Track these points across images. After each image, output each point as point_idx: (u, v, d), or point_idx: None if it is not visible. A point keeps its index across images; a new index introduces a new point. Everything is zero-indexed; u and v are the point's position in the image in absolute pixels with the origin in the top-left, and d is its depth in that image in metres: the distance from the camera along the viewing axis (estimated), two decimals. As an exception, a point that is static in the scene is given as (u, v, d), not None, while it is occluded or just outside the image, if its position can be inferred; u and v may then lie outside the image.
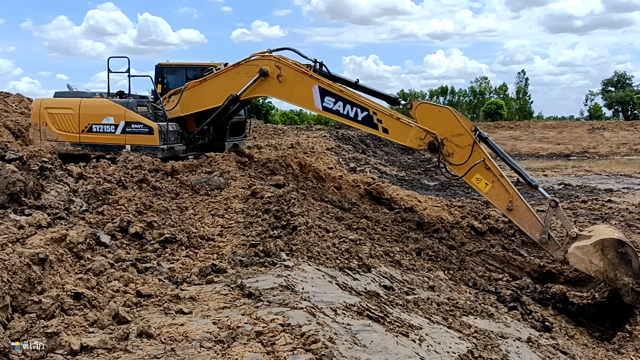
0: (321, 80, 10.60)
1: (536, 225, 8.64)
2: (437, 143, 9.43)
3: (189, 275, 5.52)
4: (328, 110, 10.50)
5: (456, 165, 9.41)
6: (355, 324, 4.56)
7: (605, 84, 77.37)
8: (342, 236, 7.62)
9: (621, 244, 7.79)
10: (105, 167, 9.24)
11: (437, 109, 9.77)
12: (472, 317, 6.22)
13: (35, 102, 12.33)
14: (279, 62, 10.98)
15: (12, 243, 4.73)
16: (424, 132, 9.59)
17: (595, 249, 7.86)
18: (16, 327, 3.70)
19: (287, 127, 41.13)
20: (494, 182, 9.07)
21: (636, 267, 7.70)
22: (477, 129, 9.43)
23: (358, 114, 10.21)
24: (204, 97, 11.76)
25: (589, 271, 7.94)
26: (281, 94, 11.21)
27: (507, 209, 8.89)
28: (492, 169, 9.11)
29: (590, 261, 7.88)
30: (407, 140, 9.86)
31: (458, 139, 9.36)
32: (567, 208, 14.79)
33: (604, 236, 7.98)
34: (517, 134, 44.55)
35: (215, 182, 9.35)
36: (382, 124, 10.04)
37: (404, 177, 23.41)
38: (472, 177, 9.24)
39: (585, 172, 25.54)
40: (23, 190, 6.12)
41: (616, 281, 7.75)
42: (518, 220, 8.86)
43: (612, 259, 7.77)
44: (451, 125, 9.42)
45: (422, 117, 9.68)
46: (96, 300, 4.40)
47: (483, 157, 9.17)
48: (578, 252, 7.99)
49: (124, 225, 6.35)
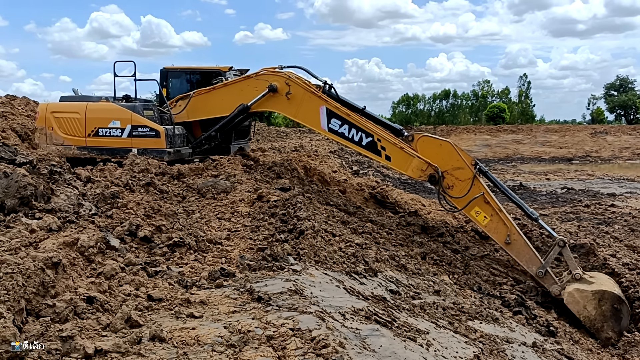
0: (329, 102, 10.69)
1: (533, 260, 8.72)
2: (438, 176, 9.53)
3: (199, 279, 5.58)
4: (333, 132, 10.59)
5: (456, 198, 9.49)
6: (364, 328, 4.61)
7: (608, 87, 77.32)
8: (348, 240, 7.67)
9: (620, 302, 7.97)
10: (112, 170, 9.30)
11: (438, 142, 9.85)
12: (478, 322, 6.27)
13: (41, 107, 12.43)
14: (289, 80, 11.09)
15: (26, 247, 4.79)
16: (425, 164, 9.68)
17: (594, 297, 7.99)
18: (31, 330, 3.75)
19: (290, 130, 41.23)
20: (493, 215, 9.15)
21: (624, 326, 7.94)
22: (478, 163, 9.54)
23: (363, 139, 10.31)
24: (211, 105, 11.90)
25: (579, 314, 8.05)
26: (288, 111, 11.34)
27: (505, 242, 8.96)
28: (491, 203, 9.17)
29: (584, 306, 8.01)
30: (408, 170, 9.94)
31: (458, 173, 9.45)
32: (570, 212, 14.83)
33: (606, 288, 8.12)
34: (520, 137, 44.58)
35: (221, 185, 9.42)
36: (386, 151, 10.14)
37: (407, 181, 23.45)
38: (471, 210, 9.32)
39: (587, 176, 25.59)
40: (34, 194, 6.19)
41: (601, 332, 7.90)
42: (515, 253, 8.93)
43: (605, 311, 7.93)
44: (452, 158, 9.51)
45: (423, 149, 9.78)
46: (108, 304, 4.45)
47: (482, 191, 9.23)
48: (576, 294, 8.11)
49: (133, 229, 6.41)
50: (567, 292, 8.24)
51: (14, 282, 3.93)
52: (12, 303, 3.78)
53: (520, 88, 75.99)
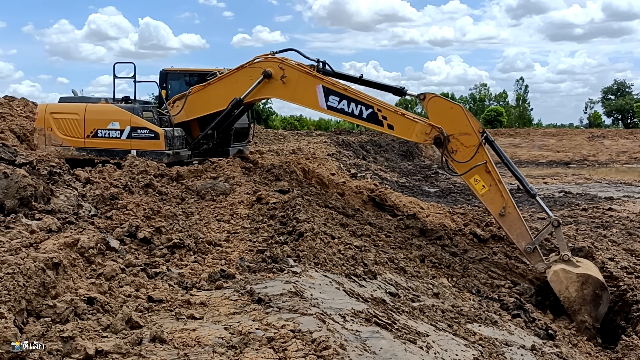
0: (325, 80, 10.67)
1: (524, 235, 8.84)
2: (443, 137, 9.47)
3: (199, 280, 5.58)
4: (333, 109, 10.54)
5: (458, 163, 9.48)
6: (364, 330, 4.62)
7: (605, 92, 77.67)
8: (348, 242, 7.68)
9: (602, 288, 8.11)
10: (111, 172, 9.30)
11: (449, 104, 9.72)
12: (477, 325, 6.28)
13: (40, 107, 12.40)
14: (282, 64, 11.05)
15: (26, 247, 4.79)
16: (429, 127, 9.65)
17: (578, 279, 8.14)
18: (32, 331, 3.75)
19: (288, 133, 41.21)
20: (492, 186, 9.20)
21: (601, 313, 8.09)
22: (485, 131, 9.51)
23: (363, 111, 10.25)
24: (208, 101, 11.81)
25: (559, 293, 8.19)
26: (285, 95, 11.26)
27: (499, 214, 9.06)
28: (492, 173, 9.22)
29: (567, 287, 8.15)
30: (412, 135, 9.92)
31: (464, 138, 9.42)
32: (568, 216, 14.85)
33: (591, 273, 8.25)
34: (517, 141, 44.69)
35: (220, 187, 9.42)
36: (387, 120, 10.09)
37: (405, 184, 23.48)
38: (471, 177, 9.35)
39: (585, 180, 25.63)
40: (33, 195, 6.18)
41: (577, 314, 8.05)
42: (508, 226, 9.04)
43: (586, 295, 8.07)
44: (460, 123, 9.46)
45: (432, 110, 9.70)
46: (109, 304, 4.45)
47: (485, 160, 9.27)
48: (561, 273, 8.24)
49: (132, 230, 6.41)
50: (552, 271, 8.37)
51: (15, 282, 3.93)
52: (13, 303, 3.78)
53: (517, 92, 76.20)
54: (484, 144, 9.38)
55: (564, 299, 8.18)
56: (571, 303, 8.12)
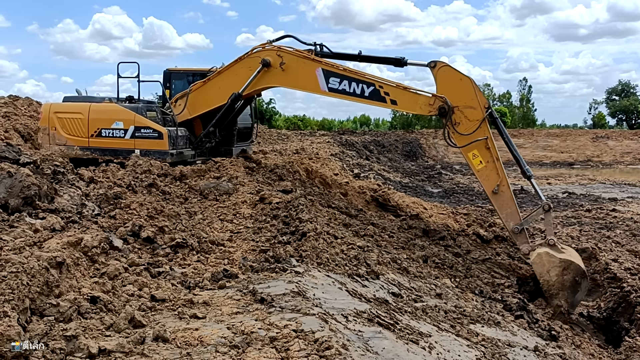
0: (323, 62, 10.69)
1: (514, 215, 8.97)
2: (447, 107, 9.45)
3: (201, 280, 5.59)
4: (334, 90, 10.53)
5: (459, 135, 9.47)
6: (366, 330, 4.62)
7: (610, 92, 77.31)
8: (350, 243, 7.68)
9: (583, 276, 8.23)
10: (114, 171, 9.32)
11: (459, 75, 9.62)
12: (480, 325, 6.27)
13: (45, 107, 12.42)
14: (280, 51, 11.06)
15: (30, 246, 4.81)
16: (432, 98, 9.64)
17: (560, 265, 8.23)
18: (36, 329, 3.77)
19: (291, 133, 41.23)
20: (489, 162, 9.24)
21: (577, 300, 8.29)
22: (490, 108, 9.48)
23: (364, 90, 10.25)
24: (209, 96, 11.80)
25: (540, 276, 8.34)
26: (285, 82, 11.27)
27: (493, 192, 9.13)
28: (492, 150, 9.25)
29: (548, 270, 8.27)
30: (416, 108, 9.92)
31: (469, 111, 9.40)
32: (572, 217, 14.81)
33: (574, 260, 8.35)
34: (521, 141, 44.51)
35: (223, 187, 9.43)
36: (390, 96, 10.08)
37: (408, 184, 23.46)
38: (469, 151, 9.37)
39: (589, 180, 25.59)
40: (37, 194, 6.21)
41: (554, 298, 8.19)
42: (499, 205, 9.12)
43: (566, 281, 8.18)
44: (467, 95, 9.43)
45: (441, 80, 9.64)
46: (112, 304, 4.47)
47: (487, 136, 9.29)
48: (545, 257, 8.37)
49: (136, 229, 6.43)
50: (536, 253, 8.49)
51: (19, 281, 3.95)
52: (17, 302, 3.80)
53: (521, 92, 76.00)
54: (487, 120, 9.38)
55: (543, 282, 8.31)
56: (550, 287, 8.25)
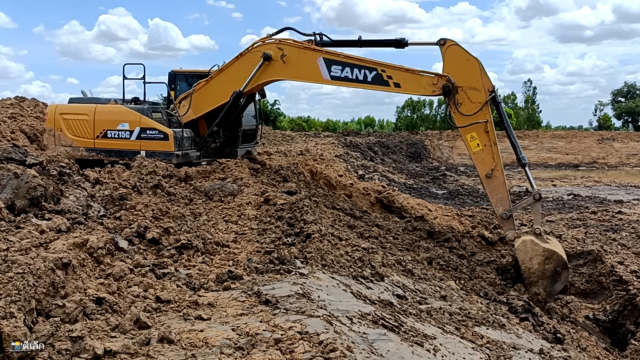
0: (324, 51, 10.73)
1: (504, 201, 9.10)
2: (452, 85, 9.44)
3: (206, 281, 5.60)
4: (337, 78, 10.55)
5: (460, 115, 9.47)
6: (371, 332, 4.61)
7: (615, 94, 76.95)
8: (355, 244, 7.68)
9: (564, 267, 8.42)
10: (120, 172, 9.34)
11: (467, 56, 9.56)
12: (484, 328, 6.25)
13: (50, 108, 12.48)
14: (280, 44, 11.11)
15: (36, 247, 4.83)
16: (435, 77, 9.64)
17: (543, 254, 8.42)
18: (42, 330, 3.78)
19: (295, 134, 41.27)
20: (486, 146, 9.30)
21: (556, 290, 8.48)
22: (494, 92, 9.47)
23: (367, 75, 10.28)
24: (213, 95, 11.84)
25: (521, 263, 8.50)
26: (287, 73, 11.29)
27: (486, 175, 9.21)
28: (490, 134, 9.30)
29: (530, 258, 8.43)
30: (420, 89, 9.93)
31: (472, 93, 9.40)
32: (577, 219, 14.77)
33: (557, 250, 8.53)
34: (526, 143, 44.38)
35: (228, 188, 9.45)
36: (393, 79, 10.10)
37: (412, 185, 23.43)
38: (468, 132, 9.41)
39: (594, 182, 25.50)
40: (43, 195, 6.23)
41: (533, 286, 8.40)
42: (490, 189, 9.24)
43: (547, 270, 8.38)
44: (473, 77, 9.43)
45: (449, 58, 9.61)
46: (117, 305, 4.48)
47: (487, 119, 9.31)
48: (529, 244, 8.51)
49: (141, 230, 6.44)
50: (521, 240, 8.65)
51: (25, 282, 3.96)
52: (23, 303, 3.81)
53: (526, 94, 75.73)
54: (490, 103, 9.37)
55: (524, 269, 8.45)
56: (530, 274, 8.40)
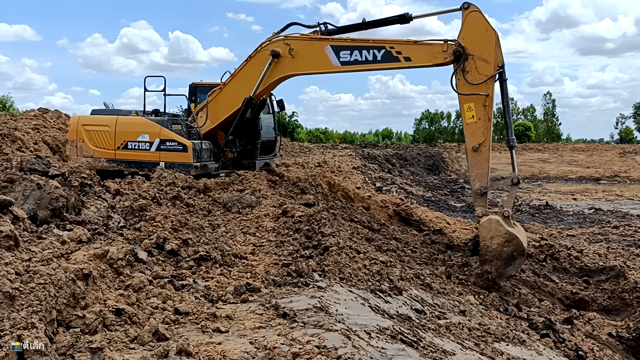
0: (330, 39, 10.81)
1: (483, 177, 9.12)
2: (462, 51, 9.34)
3: (224, 293, 5.61)
4: (347, 63, 10.56)
5: (464, 82, 9.38)
6: (389, 347, 4.57)
7: (637, 107, 75.86)
8: (373, 257, 7.64)
9: (521, 254, 8.67)
10: (139, 183, 9.44)
11: (486, 26, 9.41)
12: (504, 344, 6.16)
13: (73, 119, 12.68)
14: (287, 39, 11.20)
15: (57, 258, 4.88)
16: (445, 44, 9.57)
17: (504, 236, 8.54)
18: (62, 341, 3.81)
19: (313, 145, 41.33)
20: (480, 119, 9.24)
21: (507, 273, 8.75)
22: (503, 69, 9.38)
23: (376, 54, 10.28)
24: (228, 101, 11.89)
25: (482, 239, 8.70)
26: (298, 67, 11.32)
27: (473, 148, 9.21)
28: (487, 109, 9.23)
29: (491, 237, 8.58)
30: (431, 58, 9.83)
31: (481, 64, 9.31)
32: (598, 233, 14.52)
33: (520, 237, 8.66)
34: (546, 156, 43.91)
35: (246, 200, 9.48)
36: (403, 54, 10.07)
37: (431, 198, 23.30)
38: (466, 102, 9.33)
39: (616, 196, 25.10)
40: (65, 206, 6.31)
41: (485, 264, 8.59)
42: (473, 163, 9.25)
43: (504, 252, 8.55)
44: (486, 48, 9.31)
45: (467, 24, 9.46)
46: (136, 316, 4.49)
47: (488, 94, 9.23)
48: (494, 224, 8.62)
49: (160, 242, 6.49)
50: (487, 218, 8.74)
51: (46, 292, 4.00)
52: (44, 313, 3.85)
53: (545, 107, 75.08)
54: (495, 79, 9.31)
55: (483, 246, 8.64)
56: (487, 252, 8.58)
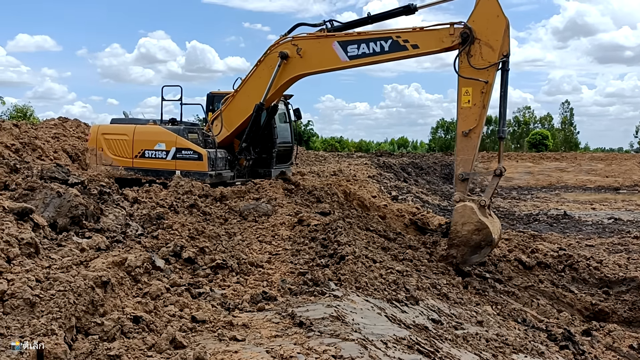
0: (337, 35, 10.90)
1: (467, 163, 9.24)
2: (469, 33, 9.29)
3: (241, 301, 5.62)
4: (355, 57, 10.65)
5: (466, 65, 9.34)
6: (406, 358, 4.54)
7: (657, 115, 74.95)
8: (389, 267, 7.60)
9: (489, 244, 8.92)
10: (157, 191, 9.53)
11: (498, 11, 9.29)
12: (522, 355, 6.08)
13: (93, 128, 12.88)
14: (294, 40, 11.35)
15: (76, 265, 4.94)
16: (451, 27, 9.56)
17: (475, 225, 8.84)
18: (81, 348, 3.85)
19: (328, 154, 41.35)
20: (475, 105, 9.24)
21: (472, 260, 8.99)
22: (507, 59, 9.33)
23: (383, 46, 10.33)
24: (241, 106, 12.04)
25: (453, 224, 9.04)
26: (307, 66, 11.42)
27: (462, 133, 9.29)
28: (484, 96, 9.22)
29: (463, 223, 8.90)
30: (439, 43, 9.81)
31: (486, 50, 9.27)
32: (618, 244, 14.29)
33: (492, 228, 8.92)
34: (564, 165, 43.45)
35: (262, 208, 9.51)
36: (410, 42, 10.09)
37: (447, 207, 23.12)
38: (464, 86, 9.32)
39: (636, 206, 24.69)
40: (84, 214, 6.39)
41: (452, 248, 8.97)
42: (461, 147, 9.35)
43: (472, 240, 8.84)
44: (494, 35, 9.26)
45: (480, 7, 9.38)
46: (154, 324, 4.53)
47: (488, 81, 9.21)
48: (468, 211, 8.91)
49: (177, 250, 6.53)
50: (463, 204, 9.01)
51: (66, 299, 4.05)
52: (64, 320, 3.90)
53: (563, 115, 74.43)
54: (498, 67, 9.27)
55: (453, 230, 8.95)
56: (456, 236, 8.89)
